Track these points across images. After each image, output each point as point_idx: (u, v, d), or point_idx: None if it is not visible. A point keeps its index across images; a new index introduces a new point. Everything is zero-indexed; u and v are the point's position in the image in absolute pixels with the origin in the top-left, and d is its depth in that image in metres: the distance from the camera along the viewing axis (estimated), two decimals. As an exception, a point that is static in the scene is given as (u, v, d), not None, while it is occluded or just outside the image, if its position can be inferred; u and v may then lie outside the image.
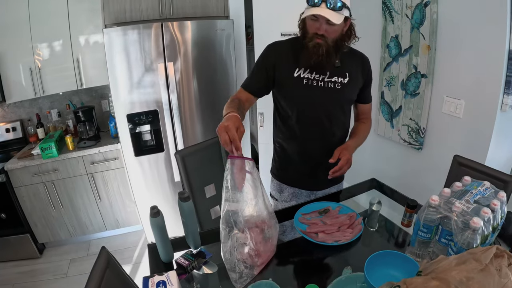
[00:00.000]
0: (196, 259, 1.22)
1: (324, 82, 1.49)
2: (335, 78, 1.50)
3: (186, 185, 1.78)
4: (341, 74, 1.51)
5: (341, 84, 1.51)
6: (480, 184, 1.18)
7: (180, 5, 2.60)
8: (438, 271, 0.78)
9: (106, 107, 3.35)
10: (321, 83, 1.49)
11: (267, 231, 1.26)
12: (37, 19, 2.64)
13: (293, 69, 1.50)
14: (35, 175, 2.71)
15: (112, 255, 1.06)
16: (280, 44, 1.58)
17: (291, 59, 1.50)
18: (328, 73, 1.49)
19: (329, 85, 1.50)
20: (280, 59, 1.52)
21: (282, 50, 1.54)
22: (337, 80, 1.50)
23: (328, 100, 1.52)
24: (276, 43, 1.58)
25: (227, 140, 1.21)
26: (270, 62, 1.52)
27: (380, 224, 1.49)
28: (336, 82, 1.50)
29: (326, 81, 1.49)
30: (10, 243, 2.83)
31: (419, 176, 2.60)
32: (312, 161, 1.63)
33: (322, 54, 1.38)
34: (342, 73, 1.51)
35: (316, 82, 1.49)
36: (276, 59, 1.52)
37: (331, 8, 1.30)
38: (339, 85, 1.50)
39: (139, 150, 2.67)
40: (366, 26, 2.74)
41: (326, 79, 1.49)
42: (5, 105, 3.01)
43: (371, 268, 1.04)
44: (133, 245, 3.10)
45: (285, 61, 1.51)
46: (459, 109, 2.19)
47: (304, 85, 1.49)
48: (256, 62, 1.59)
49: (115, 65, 2.41)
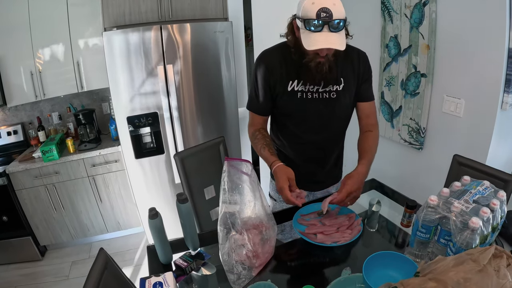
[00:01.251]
0: (195, 261, 1.21)
1: (318, 93, 1.46)
2: (330, 87, 1.46)
3: (186, 186, 1.78)
4: (336, 81, 1.45)
5: (336, 92, 1.47)
6: (479, 184, 1.17)
7: (179, 8, 2.61)
8: (435, 272, 0.78)
9: (107, 109, 3.36)
10: (316, 95, 1.46)
11: (265, 232, 1.26)
12: (37, 23, 2.65)
13: (287, 83, 1.45)
14: (36, 178, 2.72)
15: (111, 257, 1.06)
16: (269, 56, 1.49)
17: (283, 72, 1.45)
18: (323, 82, 1.44)
19: (324, 95, 1.46)
20: (272, 74, 1.45)
21: (272, 64, 1.46)
22: (332, 89, 1.46)
23: (325, 110, 1.48)
24: (265, 56, 1.50)
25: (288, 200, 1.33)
26: (265, 79, 1.47)
27: (380, 224, 1.48)
28: (331, 91, 1.46)
29: (320, 91, 1.45)
30: (11, 245, 2.84)
31: (420, 176, 2.59)
32: (310, 164, 1.62)
33: (326, 71, 1.35)
34: (337, 80, 1.45)
35: (311, 94, 1.46)
36: (269, 74, 1.46)
37: (334, 29, 1.20)
38: (334, 94, 1.47)
39: (139, 153, 2.67)
40: (365, 27, 2.74)
41: (321, 90, 1.45)
42: (6, 109, 3.03)
43: (370, 269, 1.03)
44: (134, 247, 3.11)
45: (277, 75, 1.45)
46: (459, 109, 2.18)
47: (298, 99, 1.46)
48: (254, 81, 1.53)
49: (115, 68, 2.41)
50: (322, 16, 1.17)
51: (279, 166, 1.40)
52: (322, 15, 1.17)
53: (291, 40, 1.39)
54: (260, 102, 1.53)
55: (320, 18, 1.17)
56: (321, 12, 1.17)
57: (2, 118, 3.07)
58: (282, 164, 1.41)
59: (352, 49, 1.50)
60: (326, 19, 1.17)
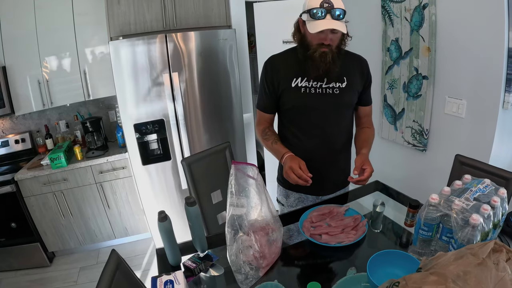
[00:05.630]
0: (203, 262, 1.24)
1: (322, 89, 1.52)
2: (333, 84, 1.53)
3: (193, 191, 1.81)
4: (339, 79, 1.53)
5: (339, 89, 1.53)
6: (480, 182, 1.19)
7: (183, 16, 2.66)
8: (437, 267, 0.80)
9: (113, 117, 3.41)
10: (319, 90, 1.52)
11: (272, 234, 1.29)
12: (44, 33, 2.71)
13: (291, 80, 1.54)
14: (45, 185, 2.76)
15: (122, 258, 1.09)
16: (275, 58, 1.62)
17: (288, 71, 1.55)
18: (326, 79, 1.52)
19: (327, 91, 1.53)
20: (277, 73, 1.56)
21: (278, 64, 1.59)
22: (335, 86, 1.53)
23: (328, 106, 1.54)
24: (271, 58, 1.63)
25: (296, 179, 1.42)
26: (271, 78, 1.57)
27: (385, 225, 1.50)
28: (334, 88, 1.53)
29: (324, 87, 1.52)
30: (20, 252, 2.88)
31: (424, 177, 2.60)
32: (317, 167, 1.64)
33: (329, 61, 1.42)
34: (339, 78, 1.53)
35: (314, 90, 1.52)
36: (273, 73, 1.57)
37: (336, 18, 1.35)
38: (337, 90, 1.53)
39: (146, 159, 2.71)
40: (367, 31, 2.78)
41: (324, 86, 1.52)
42: (14, 117, 3.09)
43: (374, 267, 1.06)
44: (142, 252, 3.14)
45: (282, 74, 1.55)
46: (461, 109, 2.20)
47: (302, 94, 1.53)
48: (261, 82, 1.65)
49: (121, 77, 2.47)
50: (325, 6, 1.34)
51: (291, 155, 1.52)
52: (325, 5, 1.34)
53: (297, 37, 1.52)
54: (266, 101, 1.64)
55: (323, 7, 1.34)
56: (324, 3, 1.34)
57: (10, 126, 3.13)
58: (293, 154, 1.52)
59: (354, 55, 1.61)
60: (328, 7, 1.34)
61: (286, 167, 1.46)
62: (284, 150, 1.55)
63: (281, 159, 1.55)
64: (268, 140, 1.64)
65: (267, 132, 1.67)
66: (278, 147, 1.59)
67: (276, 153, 1.60)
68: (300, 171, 1.42)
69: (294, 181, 1.43)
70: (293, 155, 1.51)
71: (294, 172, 1.42)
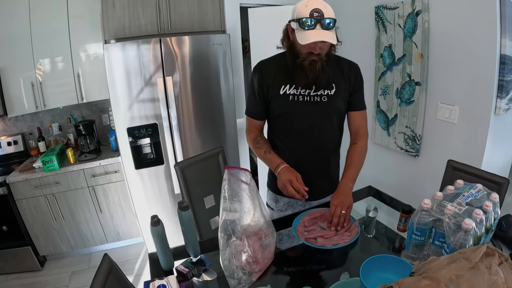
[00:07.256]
0: (196, 267, 1.24)
1: (310, 97, 1.51)
2: (321, 91, 1.51)
3: (186, 196, 1.80)
4: (328, 86, 1.52)
5: (327, 97, 1.52)
6: (472, 187, 1.20)
7: (178, 21, 2.66)
8: (430, 271, 0.81)
9: (107, 121, 3.39)
10: (307, 98, 1.51)
11: (265, 239, 1.29)
12: (38, 34, 2.70)
13: (279, 87, 1.53)
14: (37, 188, 2.73)
15: (114, 262, 1.09)
16: (264, 64, 1.61)
17: (276, 78, 1.54)
18: (314, 86, 1.50)
19: (315, 99, 1.51)
20: (267, 79, 1.55)
21: (267, 70, 1.57)
22: (323, 93, 1.52)
23: (316, 113, 1.53)
24: (260, 64, 1.61)
25: (293, 192, 1.41)
26: (260, 84, 1.56)
27: (378, 230, 1.51)
28: (323, 95, 1.52)
29: (312, 95, 1.51)
30: (11, 255, 2.84)
31: (417, 182, 2.62)
32: (305, 173, 1.63)
33: (318, 69, 1.41)
34: (328, 85, 1.52)
35: (302, 97, 1.51)
36: (263, 79, 1.55)
37: (326, 28, 1.32)
38: (325, 97, 1.52)
39: (139, 163, 2.70)
40: (360, 37, 2.80)
41: (312, 93, 1.51)
42: (7, 119, 3.06)
43: (367, 272, 1.05)
44: (134, 257, 3.11)
45: (271, 80, 1.54)
46: (453, 115, 2.22)
47: (290, 101, 1.52)
48: (250, 87, 1.62)
49: (115, 80, 2.45)
50: (315, 16, 1.31)
51: (287, 166, 1.50)
52: (315, 14, 1.31)
53: (286, 44, 1.50)
54: (256, 107, 1.62)
55: (313, 17, 1.31)
56: (314, 12, 1.31)
57: (2, 128, 3.10)
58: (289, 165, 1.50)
59: (344, 60, 1.60)
60: (318, 17, 1.31)
61: (283, 179, 1.44)
62: (279, 161, 1.53)
63: (275, 169, 1.53)
64: (260, 149, 1.63)
65: (259, 140, 1.65)
66: (272, 157, 1.57)
67: (270, 163, 1.58)
68: (298, 184, 1.41)
69: (291, 194, 1.42)
70: (289, 167, 1.50)
71: (293, 185, 1.41)
